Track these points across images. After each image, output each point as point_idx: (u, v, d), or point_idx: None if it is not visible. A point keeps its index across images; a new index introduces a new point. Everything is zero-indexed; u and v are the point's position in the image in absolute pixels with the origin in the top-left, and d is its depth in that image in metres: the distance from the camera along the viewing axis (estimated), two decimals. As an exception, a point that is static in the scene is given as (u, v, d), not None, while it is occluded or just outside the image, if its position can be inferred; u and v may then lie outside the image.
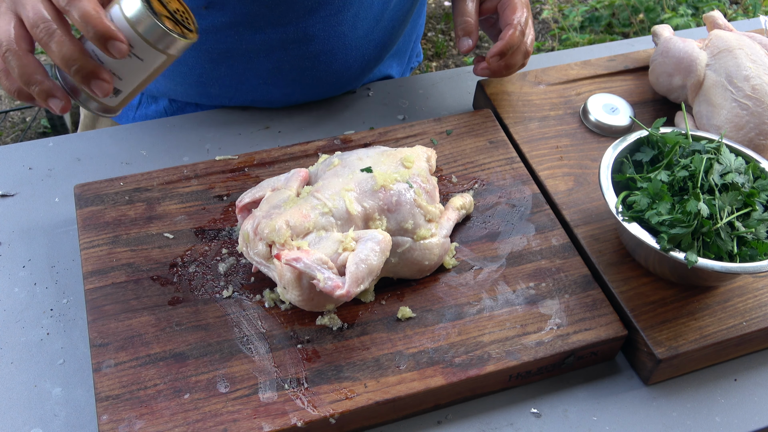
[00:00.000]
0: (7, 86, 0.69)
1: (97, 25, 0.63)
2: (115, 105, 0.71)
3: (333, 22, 1.00)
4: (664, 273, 0.82)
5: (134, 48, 0.66)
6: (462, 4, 0.98)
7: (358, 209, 0.78)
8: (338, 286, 0.73)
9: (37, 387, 0.76)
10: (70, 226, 0.90)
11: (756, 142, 0.94)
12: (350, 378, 0.73)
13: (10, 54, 0.65)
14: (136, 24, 0.65)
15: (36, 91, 0.66)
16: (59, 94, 0.68)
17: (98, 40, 0.64)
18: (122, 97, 0.70)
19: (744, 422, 0.78)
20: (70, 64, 0.64)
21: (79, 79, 0.65)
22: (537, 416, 0.77)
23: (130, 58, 0.66)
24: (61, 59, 0.64)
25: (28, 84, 0.66)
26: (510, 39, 0.96)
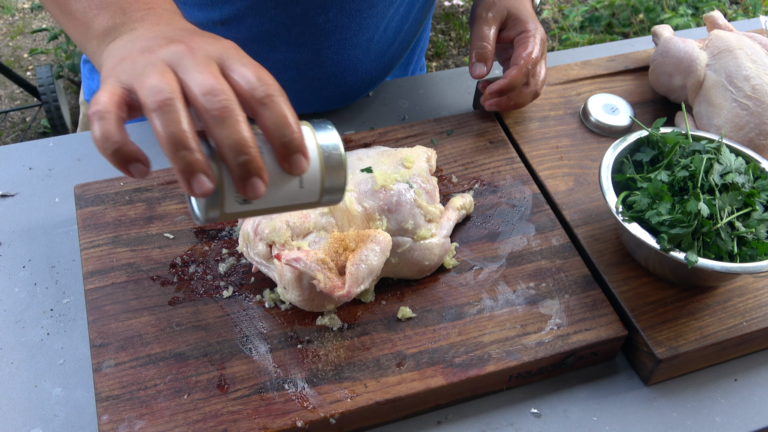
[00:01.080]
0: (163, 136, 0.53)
1: (294, 135, 0.55)
2: (228, 214, 0.58)
3: (347, 45, 1.00)
4: (664, 273, 0.82)
5: (304, 174, 0.58)
6: (480, 28, 0.97)
7: (358, 209, 0.78)
8: (338, 286, 0.73)
9: (37, 387, 0.76)
10: (70, 226, 0.90)
11: (756, 142, 0.94)
12: (350, 378, 0.73)
13: (167, 107, 0.53)
14: (326, 155, 0.58)
15: (187, 158, 0.52)
16: (207, 172, 0.53)
17: (285, 147, 0.55)
18: (241, 210, 0.57)
19: (744, 422, 0.78)
20: (241, 152, 0.53)
21: (241, 171, 0.54)
22: (537, 416, 0.77)
23: (287, 181, 0.57)
24: (231, 142, 0.53)
25: (177, 148, 0.52)
26: (512, 79, 0.94)
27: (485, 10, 0.97)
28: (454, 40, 3.13)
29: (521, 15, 0.98)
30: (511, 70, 0.95)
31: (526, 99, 0.98)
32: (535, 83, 0.97)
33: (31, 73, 2.86)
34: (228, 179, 0.55)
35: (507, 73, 0.95)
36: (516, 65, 0.94)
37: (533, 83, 0.97)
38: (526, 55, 0.94)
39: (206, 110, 0.53)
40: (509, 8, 0.98)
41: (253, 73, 0.56)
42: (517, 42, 0.97)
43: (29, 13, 3.13)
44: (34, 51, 2.70)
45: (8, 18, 3.11)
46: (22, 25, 3.08)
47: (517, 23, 0.98)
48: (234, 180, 0.55)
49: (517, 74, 0.94)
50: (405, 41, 1.10)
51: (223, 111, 0.53)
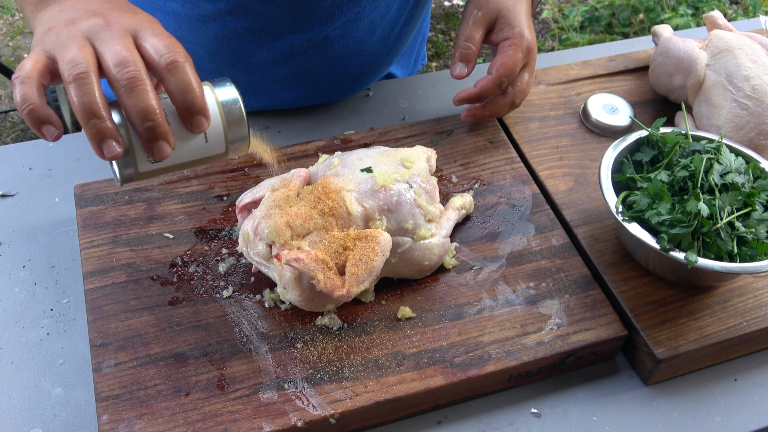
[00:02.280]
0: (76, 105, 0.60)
1: (195, 97, 0.62)
2: (143, 173, 0.66)
3: (352, 28, 1.01)
4: (664, 273, 0.82)
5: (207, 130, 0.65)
6: (467, 27, 0.94)
7: (358, 209, 0.78)
8: (338, 286, 0.73)
9: (37, 387, 0.76)
10: (70, 226, 0.90)
11: (756, 142, 0.94)
12: (350, 378, 0.73)
13: (81, 80, 0.59)
14: (227, 110, 0.66)
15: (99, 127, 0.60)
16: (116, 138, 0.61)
17: (187, 111, 0.62)
18: (154, 168, 0.65)
19: (744, 422, 0.78)
20: (147, 118, 0.60)
21: (147, 135, 0.61)
22: (537, 416, 0.77)
23: (193, 138, 0.65)
24: (138, 110, 0.60)
25: (89, 116, 0.59)
26: (481, 89, 0.92)
27: (476, 7, 0.94)
28: (453, 40, 3.13)
29: (511, 18, 0.94)
30: (484, 78, 0.92)
31: (501, 109, 0.96)
32: (514, 94, 0.95)
33: (31, 73, 2.85)
34: (138, 142, 0.63)
35: (479, 81, 0.92)
36: (490, 74, 0.92)
37: (511, 93, 0.95)
38: (501, 65, 0.91)
39: (117, 80, 0.60)
40: (500, 9, 0.94)
41: (161, 42, 0.62)
42: (500, 48, 0.94)
43: (29, 13, 3.13)
44: (34, 51, 2.70)
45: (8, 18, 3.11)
46: (22, 25, 3.08)
47: (505, 27, 0.94)
48: (142, 143, 0.62)
49: (487, 84, 0.91)
50: (407, 25, 1.10)
51: (132, 81, 0.59)
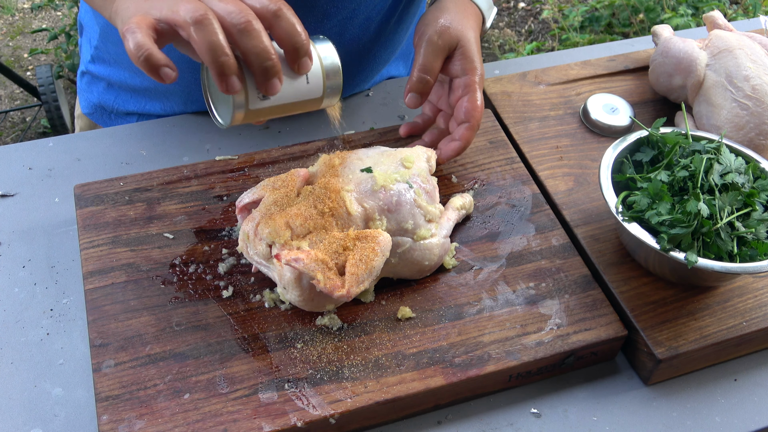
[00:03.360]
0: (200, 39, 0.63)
1: (302, 40, 0.68)
2: (252, 110, 0.71)
3: (348, 25, 1.01)
4: (664, 273, 0.82)
5: (309, 73, 0.72)
6: (427, 55, 0.89)
7: (358, 209, 0.78)
8: (338, 286, 0.73)
9: (37, 387, 0.76)
10: (70, 226, 0.90)
11: (756, 142, 0.94)
12: (350, 378, 0.73)
13: (205, 20, 0.63)
14: (325, 57, 0.73)
15: (225, 61, 0.64)
16: (238, 74, 0.66)
17: (296, 52, 0.68)
18: (262, 106, 0.71)
19: (744, 422, 0.78)
20: (265, 58, 0.65)
21: (265, 73, 0.66)
22: (537, 416, 0.77)
23: (297, 79, 0.71)
24: (257, 51, 0.65)
25: (217, 54, 0.63)
26: (467, 141, 0.89)
27: (436, 34, 0.89)
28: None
29: (470, 51, 0.90)
30: (463, 129, 0.89)
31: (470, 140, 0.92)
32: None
33: (31, 73, 2.86)
34: (250, 81, 0.68)
35: (461, 135, 0.89)
36: (468, 124, 0.89)
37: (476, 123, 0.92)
38: (476, 112, 0.88)
39: (233, 25, 0.64)
40: (461, 39, 0.90)
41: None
42: (462, 87, 0.90)
43: (29, 13, 3.13)
44: (34, 51, 2.70)
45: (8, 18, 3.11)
46: (22, 25, 3.08)
47: (464, 60, 0.90)
48: (257, 81, 0.67)
49: (470, 134, 0.89)
50: (401, 21, 1.10)
51: (247, 25, 0.64)
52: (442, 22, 0.90)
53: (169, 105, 1.08)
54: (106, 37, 1.05)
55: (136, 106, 1.09)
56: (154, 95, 1.07)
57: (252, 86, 0.68)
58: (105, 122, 1.14)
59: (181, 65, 1.03)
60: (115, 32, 1.03)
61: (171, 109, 1.08)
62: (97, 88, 1.12)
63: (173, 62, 0.66)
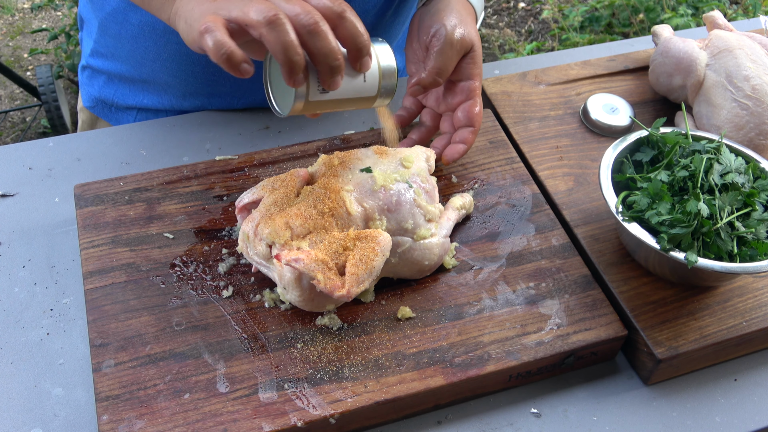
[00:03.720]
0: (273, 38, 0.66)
1: (365, 41, 0.71)
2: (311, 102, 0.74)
3: None
4: (664, 273, 0.82)
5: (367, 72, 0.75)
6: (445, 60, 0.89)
7: (358, 209, 0.78)
8: (338, 286, 0.73)
9: (37, 387, 0.76)
10: (70, 226, 0.90)
11: (756, 142, 0.94)
12: (350, 378, 0.73)
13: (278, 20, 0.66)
14: (383, 58, 0.76)
15: (297, 60, 0.67)
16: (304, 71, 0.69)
17: (358, 51, 0.72)
18: (321, 99, 0.74)
19: (744, 422, 0.78)
20: (334, 58, 0.68)
21: (331, 71, 0.70)
22: (537, 416, 0.77)
23: (356, 77, 0.75)
24: (326, 51, 0.68)
25: (291, 53, 0.66)
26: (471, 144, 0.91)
27: (456, 38, 0.89)
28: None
29: (478, 56, 0.92)
30: (467, 133, 0.91)
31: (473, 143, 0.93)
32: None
33: (31, 73, 2.86)
34: (312, 75, 0.71)
35: (464, 138, 0.91)
36: (472, 128, 0.91)
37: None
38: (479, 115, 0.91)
39: (302, 26, 0.67)
40: (474, 44, 0.91)
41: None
42: (466, 91, 0.91)
43: (29, 13, 3.13)
44: (34, 51, 2.70)
45: (8, 18, 3.11)
46: (22, 25, 3.08)
47: (472, 65, 0.91)
48: (321, 77, 0.71)
49: (473, 138, 0.91)
50: (397, 14, 1.10)
51: (316, 26, 0.67)
52: (456, 24, 0.90)
53: (166, 98, 1.08)
54: (104, 31, 1.05)
55: (135, 100, 1.09)
56: (151, 88, 1.07)
57: (314, 80, 0.72)
58: (106, 115, 1.14)
59: (180, 59, 1.03)
60: (114, 26, 1.03)
61: (168, 103, 1.08)
62: (97, 81, 1.12)
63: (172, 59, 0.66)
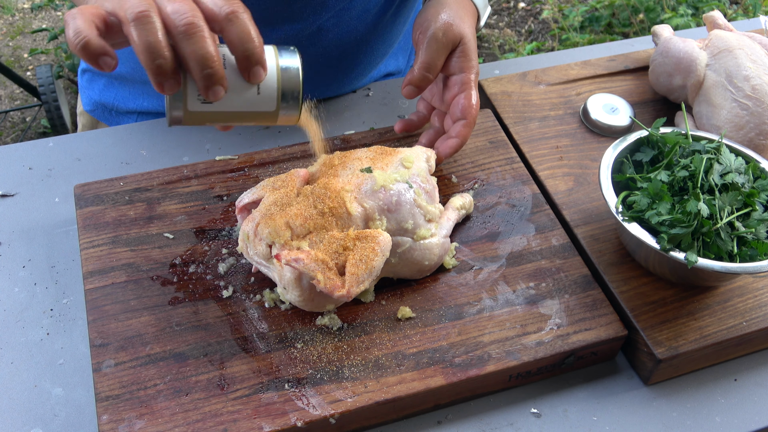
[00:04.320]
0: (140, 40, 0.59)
1: (255, 47, 0.63)
2: (192, 113, 0.67)
3: (345, 16, 1.01)
4: (664, 273, 0.82)
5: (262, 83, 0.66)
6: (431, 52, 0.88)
7: (358, 209, 0.78)
8: (338, 286, 0.73)
9: (37, 387, 0.76)
10: (70, 226, 0.90)
11: (756, 142, 0.94)
12: (350, 378, 0.73)
13: (144, 18, 0.59)
14: (284, 70, 0.67)
15: (160, 63, 0.60)
16: (175, 77, 0.62)
17: (247, 59, 0.63)
18: (203, 109, 0.67)
19: (744, 422, 0.78)
20: (206, 64, 0.61)
21: (204, 80, 0.62)
22: (537, 416, 0.77)
23: (247, 89, 0.66)
24: (197, 56, 0.61)
25: (154, 57, 0.59)
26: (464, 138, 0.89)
27: (441, 31, 0.88)
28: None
29: (469, 49, 0.90)
30: (459, 126, 0.89)
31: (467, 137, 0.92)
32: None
33: (31, 73, 2.86)
34: (192, 83, 0.64)
35: (458, 132, 0.89)
36: (464, 121, 0.89)
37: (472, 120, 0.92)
38: (473, 109, 0.89)
39: (175, 26, 0.60)
40: (462, 37, 0.90)
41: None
42: (458, 84, 0.90)
43: (29, 13, 3.13)
44: (34, 51, 2.70)
45: (8, 18, 3.11)
46: (22, 25, 3.08)
47: (463, 58, 0.90)
48: (198, 86, 0.62)
49: (467, 131, 0.89)
50: (398, 14, 1.10)
51: (190, 27, 0.60)
52: (445, 19, 0.90)
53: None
54: None
55: (135, 103, 1.09)
56: (152, 91, 1.07)
57: (194, 88, 0.64)
58: (106, 119, 1.14)
59: None
60: None
61: None
62: (97, 85, 1.12)
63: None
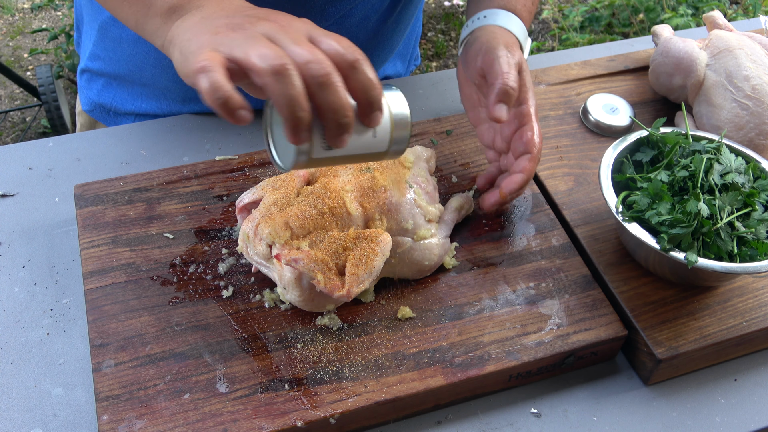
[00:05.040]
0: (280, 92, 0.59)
1: (378, 94, 0.63)
2: (315, 159, 0.67)
3: (345, 23, 1.01)
4: (664, 273, 0.82)
5: (377, 127, 0.68)
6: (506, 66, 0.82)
7: (358, 209, 0.78)
8: (338, 286, 0.73)
9: (37, 387, 0.76)
10: (70, 226, 0.90)
11: (756, 142, 0.94)
12: (350, 378, 0.73)
13: (285, 71, 0.58)
14: (396, 111, 0.69)
15: (302, 116, 0.60)
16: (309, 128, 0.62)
17: (369, 106, 0.64)
18: (325, 156, 0.67)
19: (744, 422, 0.78)
20: (343, 113, 0.61)
21: (338, 128, 0.62)
22: (537, 416, 0.77)
23: (365, 132, 0.67)
24: (335, 107, 0.61)
25: (296, 108, 0.59)
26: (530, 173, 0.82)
27: (507, 49, 0.84)
28: (454, 40, 3.13)
29: (526, 77, 0.85)
30: (525, 161, 0.83)
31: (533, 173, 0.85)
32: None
33: (31, 73, 2.86)
34: (317, 131, 0.64)
35: (522, 167, 0.83)
36: (529, 155, 0.83)
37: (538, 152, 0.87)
38: (536, 141, 0.83)
39: (312, 77, 0.60)
40: (521, 62, 0.86)
41: (339, 43, 0.63)
42: (519, 117, 0.85)
43: (29, 13, 3.13)
44: (34, 51, 2.70)
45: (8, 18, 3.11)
46: (22, 25, 3.08)
47: (522, 87, 0.84)
48: (328, 134, 0.63)
49: (533, 166, 0.83)
50: (399, 21, 1.10)
51: (327, 78, 0.60)
52: (506, 41, 0.85)
53: (165, 104, 1.08)
54: (104, 34, 1.05)
55: (133, 105, 1.09)
56: (150, 93, 1.07)
57: (319, 135, 0.64)
58: (104, 120, 1.14)
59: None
60: (114, 29, 1.03)
61: (167, 108, 1.08)
62: (96, 85, 1.12)
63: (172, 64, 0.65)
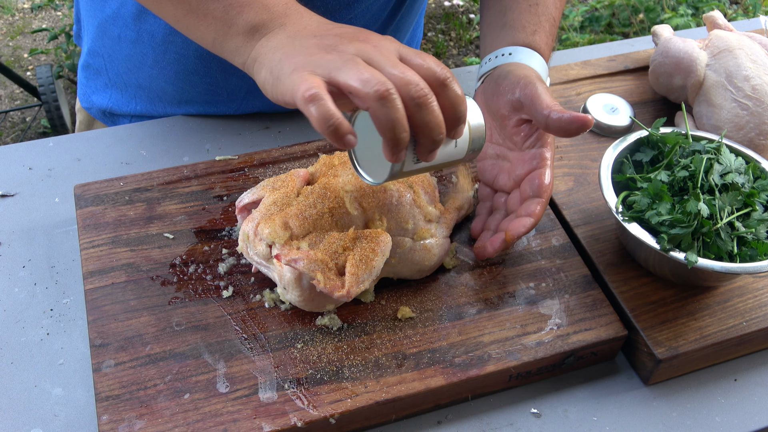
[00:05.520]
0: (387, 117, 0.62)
1: (464, 109, 0.67)
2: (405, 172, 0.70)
3: None
4: (664, 273, 0.82)
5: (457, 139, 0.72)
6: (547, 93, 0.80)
7: (358, 209, 0.78)
8: (338, 286, 0.73)
9: (37, 387, 0.76)
10: (70, 226, 0.90)
11: (756, 142, 0.94)
12: (350, 378, 0.73)
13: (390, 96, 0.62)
14: (473, 121, 0.72)
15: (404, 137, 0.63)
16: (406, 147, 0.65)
17: (456, 120, 0.67)
18: (414, 168, 0.71)
19: (744, 422, 0.78)
20: (438, 131, 0.65)
21: (433, 145, 0.66)
22: (537, 416, 0.77)
23: (448, 144, 0.71)
24: (431, 126, 0.64)
25: (399, 131, 0.63)
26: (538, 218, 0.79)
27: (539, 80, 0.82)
28: (454, 40, 3.14)
29: None
30: (535, 205, 0.80)
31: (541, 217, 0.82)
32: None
33: (31, 73, 2.86)
34: (410, 146, 0.68)
35: (530, 211, 0.80)
36: (540, 199, 0.80)
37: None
38: (548, 187, 0.81)
39: (411, 98, 0.63)
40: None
41: (428, 61, 0.66)
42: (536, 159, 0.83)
43: (29, 13, 3.13)
44: (34, 51, 2.70)
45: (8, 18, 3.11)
46: (22, 25, 3.08)
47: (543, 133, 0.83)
48: (421, 150, 0.67)
49: (542, 211, 0.80)
50: (398, 30, 1.10)
51: (425, 99, 0.64)
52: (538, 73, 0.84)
53: (160, 106, 1.07)
54: (103, 33, 1.05)
55: (128, 107, 1.09)
56: (146, 94, 1.07)
57: (411, 151, 0.68)
58: (102, 119, 1.14)
59: (178, 67, 1.03)
60: (114, 29, 1.02)
61: (163, 111, 1.08)
62: (94, 84, 1.12)
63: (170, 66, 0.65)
